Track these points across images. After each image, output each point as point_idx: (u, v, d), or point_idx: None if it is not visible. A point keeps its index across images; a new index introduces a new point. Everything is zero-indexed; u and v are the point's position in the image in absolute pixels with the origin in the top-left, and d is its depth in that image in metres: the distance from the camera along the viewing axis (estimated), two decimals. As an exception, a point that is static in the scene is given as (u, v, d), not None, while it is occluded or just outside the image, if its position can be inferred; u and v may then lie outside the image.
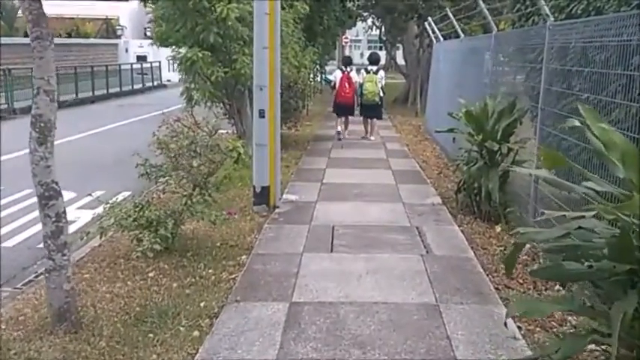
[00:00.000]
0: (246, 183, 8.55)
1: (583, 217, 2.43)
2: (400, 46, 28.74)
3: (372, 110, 13.47)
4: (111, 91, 27.69)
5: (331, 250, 5.92)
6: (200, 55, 9.45)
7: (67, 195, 8.99)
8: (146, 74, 33.23)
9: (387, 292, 4.88)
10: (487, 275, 5.33)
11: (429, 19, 14.62)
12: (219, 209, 7.58)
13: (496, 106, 7.28)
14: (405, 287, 4.98)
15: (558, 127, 5.90)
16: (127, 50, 38.46)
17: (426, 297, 4.79)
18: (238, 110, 10.91)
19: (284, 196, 8.15)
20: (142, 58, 35.37)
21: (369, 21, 27.74)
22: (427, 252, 5.89)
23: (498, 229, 6.89)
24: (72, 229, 7.37)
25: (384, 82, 13.49)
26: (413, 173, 10.01)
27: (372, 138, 13.61)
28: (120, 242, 6.39)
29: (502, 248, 6.19)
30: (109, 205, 6.00)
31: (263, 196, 7.47)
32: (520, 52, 7.67)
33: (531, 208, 6.31)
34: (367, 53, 15.16)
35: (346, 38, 36.70)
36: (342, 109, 13.59)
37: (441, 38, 13.79)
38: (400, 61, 28.10)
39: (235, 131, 11.07)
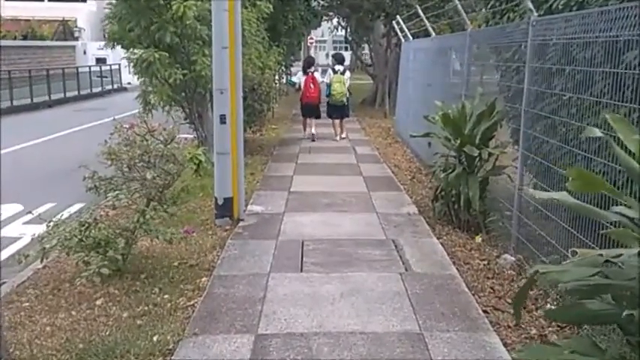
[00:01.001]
0: (209, 193, 7.96)
1: (621, 255, 1.95)
2: (366, 46, 28.37)
3: (339, 110, 13.55)
4: (68, 94, 26.56)
5: (301, 270, 5.36)
6: (157, 56, 8.82)
7: (13, 208, 8.39)
8: (106, 77, 32.12)
9: (365, 318, 4.35)
10: (473, 295, 4.86)
11: (398, 17, 14.18)
12: (178, 223, 7.01)
13: (474, 109, 6.84)
14: (384, 312, 4.45)
15: (539, 131, 5.52)
16: (85, 52, 37.17)
17: (409, 324, 4.27)
18: (199, 115, 10.28)
19: (249, 207, 7.58)
20: (101, 61, 34.15)
21: (335, 21, 27.25)
22: (406, 269, 5.37)
23: (479, 239, 6.46)
24: (15, 247, 6.73)
25: (349, 82, 13.54)
26: (385, 179, 9.52)
27: (343, 136, 13.72)
28: (67, 263, 5.74)
29: (485, 262, 5.74)
30: (52, 223, 5.36)
31: (226, 209, 6.89)
32: (498, 50, 7.25)
33: (515, 217, 5.88)
34: (332, 54, 15.15)
35: (311, 39, 36.21)
36: (308, 110, 13.60)
37: (410, 37, 13.37)
38: (367, 61, 27.70)
39: (196, 137, 10.46)
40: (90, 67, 31.46)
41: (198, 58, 9.21)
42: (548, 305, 4.59)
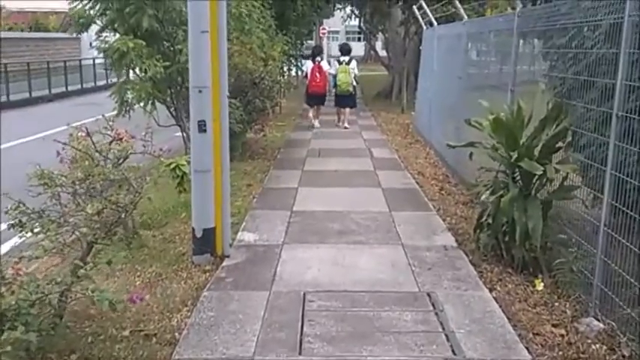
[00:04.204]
0: (192, 214, 6.36)
1: None
2: (380, 35, 26.66)
3: (345, 100, 13.88)
4: (71, 88, 25.24)
5: (299, 351, 3.68)
6: (131, 45, 7.27)
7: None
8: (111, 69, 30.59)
9: None
10: (560, 402, 3.22)
11: (421, 1, 12.43)
12: (146, 258, 5.47)
13: (533, 110, 5.18)
14: None
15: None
16: (91, 45, 35.60)
17: None
18: (188, 115, 8.65)
19: (239, 234, 5.97)
20: (107, 52, 32.59)
21: (348, 9, 25.49)
22: (454, 352, 3.69)
23: (540, 285, 4.83)
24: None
25: (357, 71, 13.86)
26: (409, 193, 7.83)
27: (346, 125, 13.85)
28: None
29: (562, 331, 4.08)
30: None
31: (206, 243, 5.27)
32: (549, 35, 5.58)
33: (599, 263, 4.21)
34: (339, 45, 15.51)
35: (324, 29, 34.46)
36: (314, 99, 13.91)
37: (435, 23, 11.66)
38: (381, 51, 25.96)
39: (184, 141, 8.85)
40: (94, 59, 29.91)
41: (184, 48, 7.62)
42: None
